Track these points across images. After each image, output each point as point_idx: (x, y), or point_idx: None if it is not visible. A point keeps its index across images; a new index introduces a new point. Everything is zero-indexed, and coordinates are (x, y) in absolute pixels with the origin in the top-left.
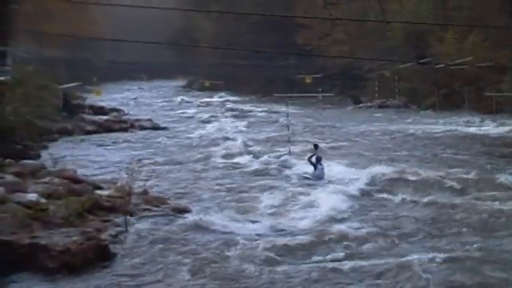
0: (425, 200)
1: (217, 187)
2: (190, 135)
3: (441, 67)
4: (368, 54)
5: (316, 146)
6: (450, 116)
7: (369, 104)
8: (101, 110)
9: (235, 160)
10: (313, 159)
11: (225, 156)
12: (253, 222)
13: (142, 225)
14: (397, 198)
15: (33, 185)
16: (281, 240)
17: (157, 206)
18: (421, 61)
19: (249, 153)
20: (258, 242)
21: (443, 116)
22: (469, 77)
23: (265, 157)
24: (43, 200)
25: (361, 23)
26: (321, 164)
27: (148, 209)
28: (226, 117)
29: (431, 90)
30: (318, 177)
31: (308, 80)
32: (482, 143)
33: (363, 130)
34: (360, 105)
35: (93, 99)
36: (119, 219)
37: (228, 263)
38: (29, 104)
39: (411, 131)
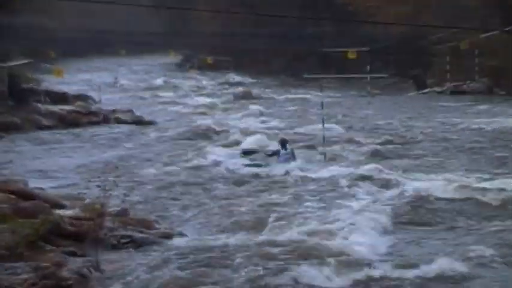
0: None
1: (216, 204)
2: (185, 133)
3: None
4: (437, 19)
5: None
6: None
7: (437, 88)
8: (62, 98)
9: (244, 168)
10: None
11: (232, 163)
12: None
13: (120, 259)
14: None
15: None
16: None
17: (141, 232)
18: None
19: (265, 160)
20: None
21: None
22: None
23: (291, 165)
24: None
25: None
26: (285, 149)
27: (129, 236)
28: (236, 107)
29: None
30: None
31: (351, 56)
32: None
33: (430, 126)
34: (425, 90)
35: (51, 82)
36: (88, 250)
37: None
38: None
39: (497, 126)
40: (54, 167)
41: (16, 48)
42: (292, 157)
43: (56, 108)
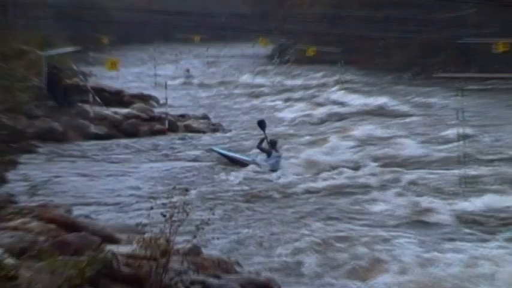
0: None
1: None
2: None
3: None
4: None
5: (261, 123)
6: None
7: None
8: (116, 98)
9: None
10: (264, 144)
11: (340, 194)
12: None
13: None
14: None
15: None
16: None
17: (218, 277)
18: None
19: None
20: None
21: None
22: None
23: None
24: (10, 261)
25: None
26: (276, 151)
27: (201, 282)
28: (346, 116)
29: None
30: (273, 167)
31: (503, 48)
32: None
33: None
34: None
35: (103, 76)
36: None
37: None
38: None
39: None
40: (105, 189)
41: (62, 31)
42: (279, 161)
43: (109, 111)
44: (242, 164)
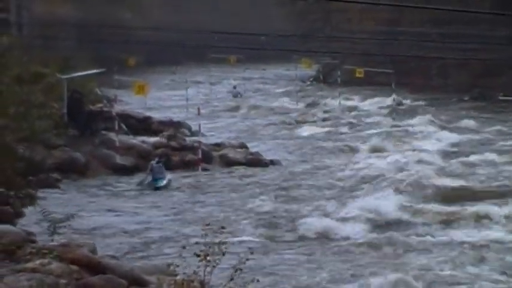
0: None
1: None
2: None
3: None
4: None
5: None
6: None
7: None
8: (144, 125)
9: None
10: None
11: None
12: None
13: None
14: None
15: (9, 276)
16: None
17: None
18: None
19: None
20: None
21: None
22: None
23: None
24: None
25: None
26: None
27: None
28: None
29: None
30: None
31: None
32: None
33: None
34: None
35: (130, 101)
36: None
37: None
38: (4, 113)
39: None
40: (133, 226)
41: (84, 52)
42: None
43: (136, 140)
44: None
